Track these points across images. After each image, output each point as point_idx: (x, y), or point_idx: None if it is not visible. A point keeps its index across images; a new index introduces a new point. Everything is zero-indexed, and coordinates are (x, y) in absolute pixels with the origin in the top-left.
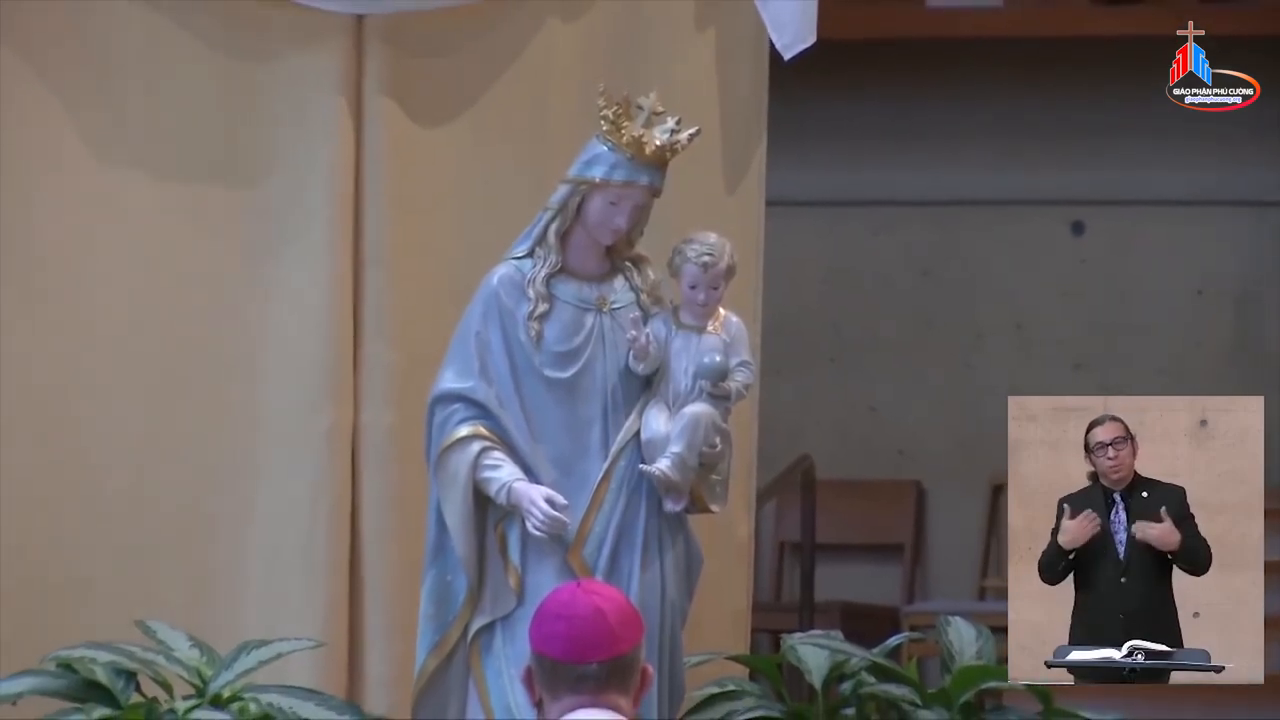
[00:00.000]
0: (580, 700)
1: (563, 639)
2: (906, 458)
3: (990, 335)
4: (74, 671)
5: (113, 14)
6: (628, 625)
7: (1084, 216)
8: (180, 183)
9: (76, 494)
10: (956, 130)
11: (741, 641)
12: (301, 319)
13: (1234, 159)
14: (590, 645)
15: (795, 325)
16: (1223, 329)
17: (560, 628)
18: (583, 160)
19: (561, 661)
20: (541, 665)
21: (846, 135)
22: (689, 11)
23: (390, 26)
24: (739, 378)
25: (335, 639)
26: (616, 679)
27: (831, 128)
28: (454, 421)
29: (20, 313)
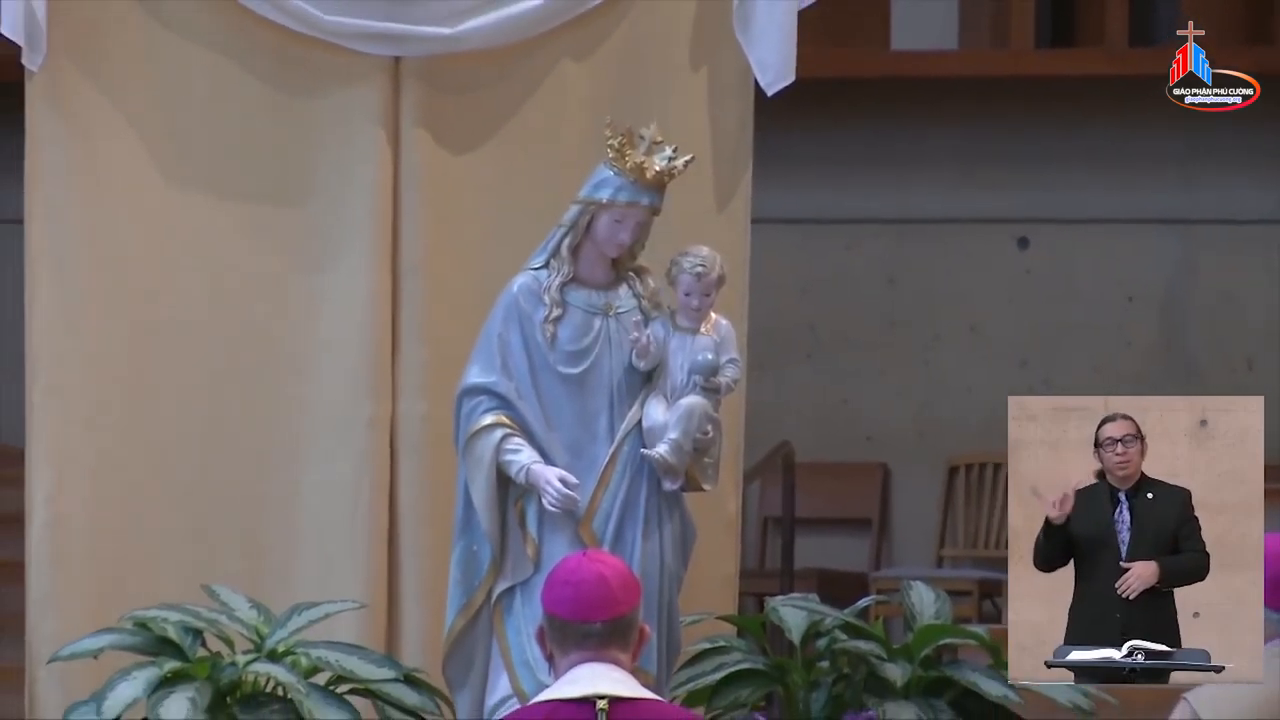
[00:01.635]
0: (585, 655)
1: (570, 601)
2: (874, 443)
3: (947, 336)
4: (148, 630)
5: (183, 55)
6: (628, 590)
7: (1028, 232)
8: (239, 202)
9: (152, 477)
10: (917, 157)
11: (730, 603)
12: (346, 322)
13: (1159, 183)
14: (594, 607)
15: (777, 327)
16: (1149, 331)
17: (568, 592)
18: (591, 183)
19: (569, 621)
20: (552, 624)
21: (822, 161)
22: (684, 54)
23: (423, 66)
24: (728, 373)
25: (375, 601)
26: (618, 637)
27: (809, 155)
28: (479, 411)
29: (101, 317)
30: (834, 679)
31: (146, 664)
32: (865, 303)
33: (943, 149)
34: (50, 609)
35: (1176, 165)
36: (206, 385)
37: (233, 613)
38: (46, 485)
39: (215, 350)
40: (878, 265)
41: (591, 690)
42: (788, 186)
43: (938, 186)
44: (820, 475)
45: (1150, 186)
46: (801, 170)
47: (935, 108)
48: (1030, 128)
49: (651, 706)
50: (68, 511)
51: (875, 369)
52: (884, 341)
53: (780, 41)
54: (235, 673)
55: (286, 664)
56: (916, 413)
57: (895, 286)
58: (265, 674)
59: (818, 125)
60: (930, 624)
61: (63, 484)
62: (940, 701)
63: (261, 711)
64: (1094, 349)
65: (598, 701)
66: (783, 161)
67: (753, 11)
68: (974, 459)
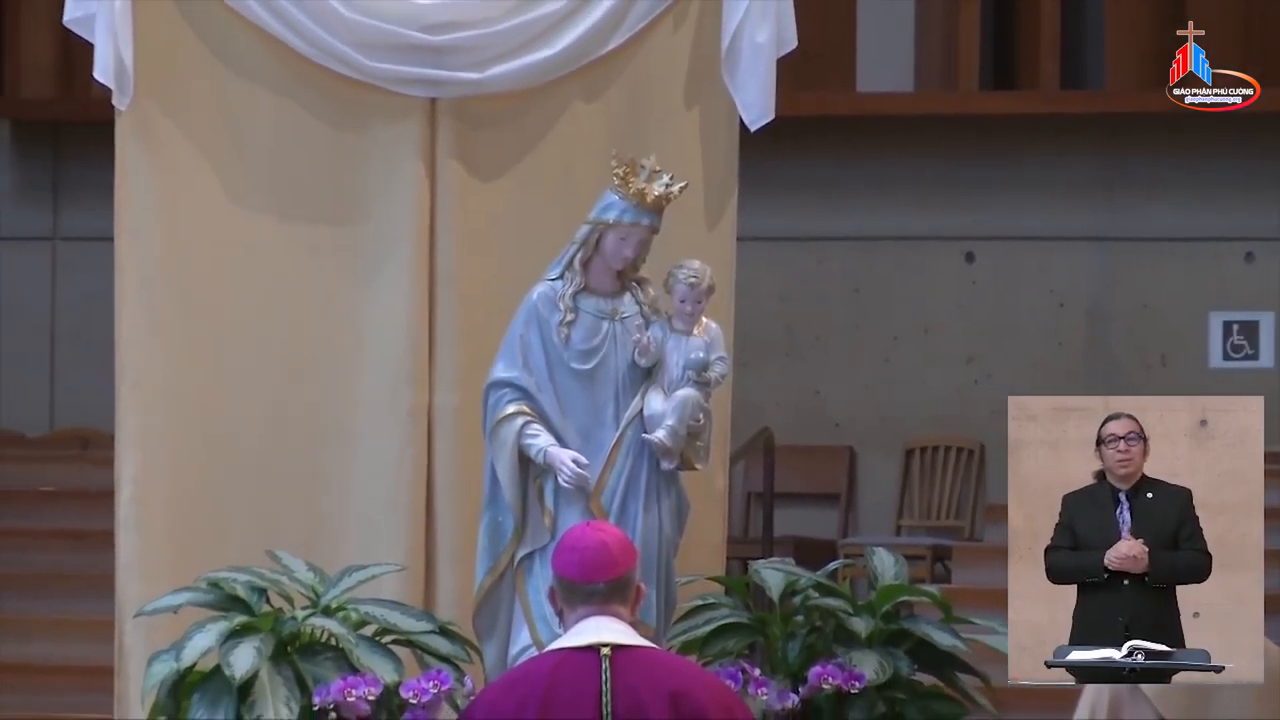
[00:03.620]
0: (591, 610)
1: (577, 565)
2: (842, 429)
3: (904, 337)
4: (220, 589)
5: (250, 97)
6: (625, 554)
7: (974, 248)
8: (298, 223)
9: (223, 458)
10: (878, 183)
11: (719, 566)
12: (390, 325)
13: (1086, 206)
14: (598, 569)
15: (758, 330)
16: (1077, 333)
17: (575, 556)
18: (599, 206)
19: (577, 581)
20: (561, 584)
21: (797, 188)
22: (679, 95)
23: (456, 106)
24: (717, 369)
25: (415, 564)
26: (618, 594)
27: (786, 182)
28: (504, 402)
29: (179, 322)
30: (808, 631)
31: (218, 618)
32: (834, 309)
33: (900, 177)
34: (136, 572)
35: (1101, 191)
36: (270, 379)
37: (292, 574)
38: (132, 466)
39: (277, 350)
40: (844, 277)
41: (596, 639)
42: (768, 209)
43: (896, 209)
44: (795, 456)
45: (1078, 209)
46: (780, 195)
47: (894, 141)
48: (975, 158)
49: (647, 653)
50: (150, 488)
51: (843, 365)
52: (850, 342)
53: (762, 85)
54: (295, 626)
55: (339, 618)
56: (878, 403)
57: (860, 295)
58: (320, 627)
59: (794, 157)
60: (890, 584)
61: (146, 465)
62: (898, 650)
63: (317, 659)
64: (1030, 348)
65: (602, 649)
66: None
67: (738, 59)
68: (928, 443)
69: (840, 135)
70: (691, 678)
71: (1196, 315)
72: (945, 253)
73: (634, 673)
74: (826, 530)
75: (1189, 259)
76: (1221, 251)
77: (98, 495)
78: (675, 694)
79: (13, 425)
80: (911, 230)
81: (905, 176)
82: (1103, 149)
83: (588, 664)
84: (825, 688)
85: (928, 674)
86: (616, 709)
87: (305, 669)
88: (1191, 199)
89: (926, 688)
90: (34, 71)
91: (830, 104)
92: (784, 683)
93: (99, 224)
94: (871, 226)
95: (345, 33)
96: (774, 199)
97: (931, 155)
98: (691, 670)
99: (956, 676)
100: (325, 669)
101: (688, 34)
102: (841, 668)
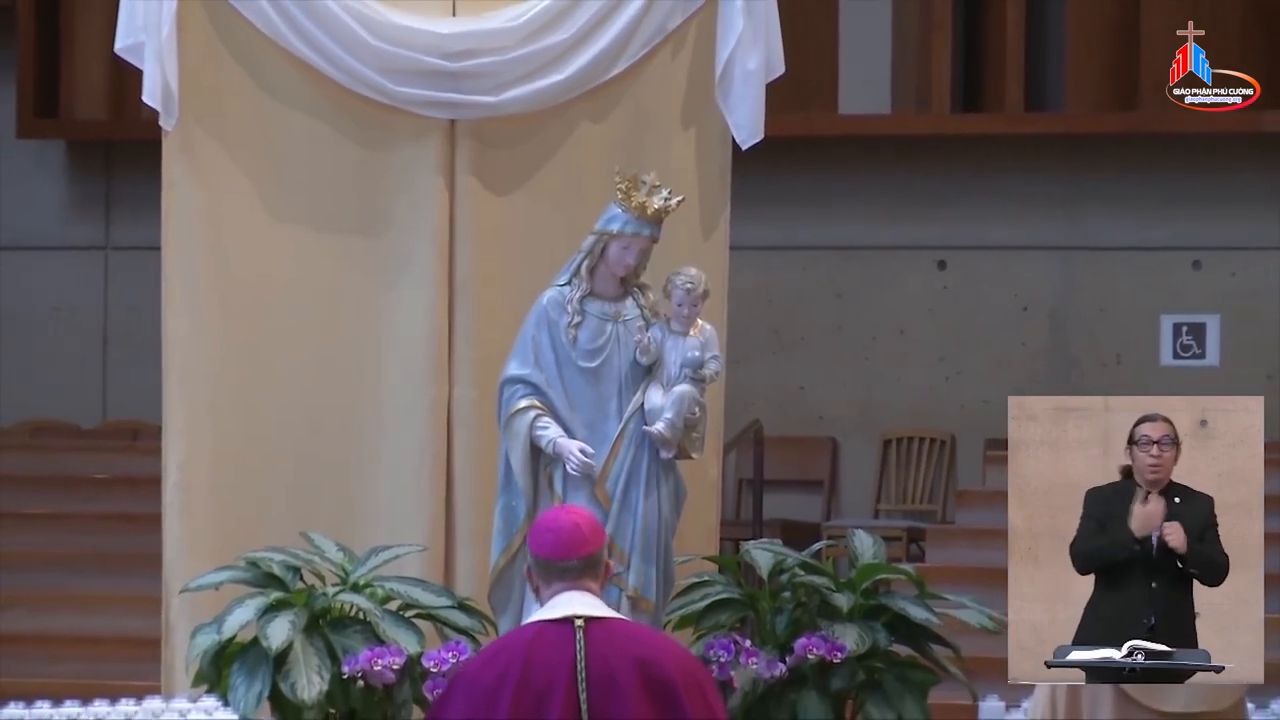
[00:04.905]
0: (565, 585)
1: (551, 544)
2: (825, 421)
3: (881, 337)
4: (258, 567)
5: (285, 118)
6: (595, 534)
7: (945, 257)
8: (330, 233)
9: (260, 448)
10: (858, 197)
11: (713, 547)
12: (413, 326)
13: (1048, 218)
14: (571, 546)
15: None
16: (1039, 335)
17: (550, 537)
18: (604, 218)
19: (551, 559)
20: (538, 563)
21: (784, 201)
22: (677, 117)
23: (473, 127)
24: (711, 367)
25: (435, 545)
26: (589, 570)
27: (775, 196)
28: (517, 397)
29: (220, 324)
30: (794, 606)
31: (256, 594)
32: (817, 312)
33: (878, 191)
34: (181, 551)
35: (1062, 205)
36: (303, 376)
37: (324, 554)
38: (178, 454)
39: (310, 349)
40: (827, 283)
41: (570, 612)
42: (758, 221)
43: (874, 221)
44: (782, 446)
45: (1040, 221)
46: (769, 208)
47: (872, 159)
48: (946, 175)
49: (617, 624)
50: (194, 475)
51: (826, 363)
52: (832, 342)
53: (752, 107)
54: (326, 601)
55: (366, 594)
56: (858, 397)
57: (841, 299)
58: (349, 602)
59: (782, 173)
60: (869, 563)
61: (190, 454)
62: (877, 623)
63: (346, 632)
64: (996, 348)
65: (576, 621)
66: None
67: (730, 84)
68: (904, 434)
69: (824, 153)
70: (657, 646)
71: (1148, 318)
72: (919, 261)
73: (605, 642)
74: (811, 514)
75: (1141, 267)
76: (1171, 260)
77: (146, 482)
78: (642, 660)
79: (69, 418)
80: (888, 240)
81: (883, 191)
82: (1063, 166)
83: (563, 635)
84: (810, 657)
85: (903, 645)
86: (590, 675)
87: (335, 640)
88: (1144, 212)
89: (902, 658)
90: (87, 95)
91: (814, 125)
92: (772, 653)
93: (147, 234)
94: (852, 237)
95: (373, 60)
96: (763, 212)
97: (906, 172)
98: (657, 639)
99: (930, 647)
100: (354, 640)
101: (684, 61)
102: (825, 639)
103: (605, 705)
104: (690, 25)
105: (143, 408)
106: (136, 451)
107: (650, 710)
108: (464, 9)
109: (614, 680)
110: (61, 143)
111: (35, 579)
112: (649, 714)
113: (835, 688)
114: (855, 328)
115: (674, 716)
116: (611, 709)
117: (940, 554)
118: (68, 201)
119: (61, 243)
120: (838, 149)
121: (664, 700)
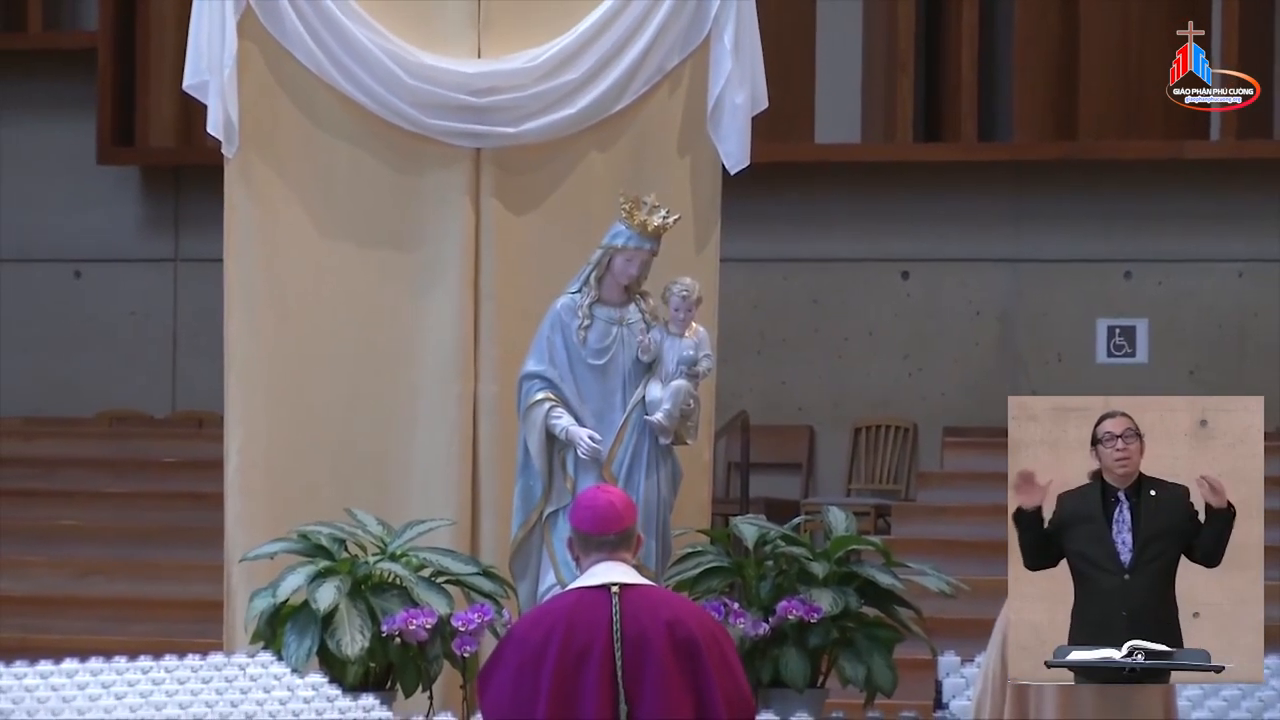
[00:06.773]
0: (602, 556)
1: (590, 520)
2: (803, 412)
3: (852, 339)
4: (308, 539)
5: (331, 146)
6: (629, 511)
7: (908, 268)
8: (371, 248)
9: (310, 435)
10: (832, 216)
11: (705, 521)
12: (442, 329)
13: (998, 234)
14: (607, 522)
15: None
16: (990, 336)
17: (589, 514)
18: (610, 234)
19: (590, 533)
20: (578, 536)
21: (768, 219)
22: (674, 146)
23: (497, 154)
24: (704, 365)
25: (463, 520)
26: (624, 543)
27: (759, 215)
28: (534, 390)
29: (275, 327)
30: (776, 573)
31: (307, 563)
32: (797, 316)
33: (850, 211)
34: (241, 525)
35: (1010, 222)
36: (347, 373)
37: (365, 528)
38: (238, 440)
39: (353, 349)
40: (805, 291)
41: (607, 580)
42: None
43: (846, 236)
44: (766, 434)
45: (992, 236)
46: (754, 225)
47: (845, 182)
48: (909, 196)
49: (648, 590)
50: (252, 459)
51: (804, 361)
52: (810, 342)
53: (739, 137)
54: (367, 569)
55: (402, 563)
56: (832, 391)
57: (818, 305)
58: (388, 570)
59: (766, 195)
60: (842, 535)
61: (249, 440)
62: (849, 589)
63: (385, 596)
64: (953, 348)
65: (612, 587)
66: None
67: (720, 116)
68: (872, 423)
69: (802, 178)
70: (683, 608)
71: (1085, 321)
72: (885, 271)
73: (638, 606)
74: (791, 493)
75: (1079, 276)
76: (1106, 270)
77: (210, 464)
78: (670, 622)
79: (143, 409)
80: (859, 253)
81: (853, 211)
82: (1011, 189)
83: (600, 600)
84: (790, 618)
85: (872, 607)
86: (625, 635)
87: (376, 603)
88: (1081, 229)
89: (871, 618)
90: (160, 126)
91: (794, 152)
92: (757, 614)
93: (212, 248)
94: (827, 250)
95: (408, 95)
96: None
97: (875, 194)
98: (683, 603)
99: (895, 609)
100: (391, 603)
101: (680, 97)
102: (803, 602)
103: (638, 661)
104: (686, 66)
105: (207, 400)
106: (202, 438)
107: (676, 665)
108: (488, 51)
109: (645, 639)
110: (136, 168)
111: (112, 550)
112: (675, 669)
113: (812, 644)
114: (830, 330)
115: (696, 669)
116: (643, 665)
117: (904, 528)
118: (142, 220)
119: (136, 256)
120: (814, 174)
121: (689, 657)
